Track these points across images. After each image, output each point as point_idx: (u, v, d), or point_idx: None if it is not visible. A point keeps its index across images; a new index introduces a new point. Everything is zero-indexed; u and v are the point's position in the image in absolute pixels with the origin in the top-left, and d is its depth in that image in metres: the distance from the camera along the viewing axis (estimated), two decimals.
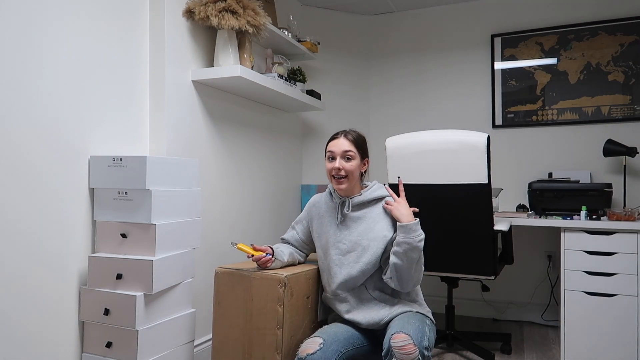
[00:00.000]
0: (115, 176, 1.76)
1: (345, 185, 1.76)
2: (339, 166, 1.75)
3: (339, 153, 1.76)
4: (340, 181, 1.76)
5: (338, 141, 1.78)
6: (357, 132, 1.83)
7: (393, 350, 1.49)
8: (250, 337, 1.71)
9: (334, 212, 1.83)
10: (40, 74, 1.64)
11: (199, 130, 2.30)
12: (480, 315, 3.30)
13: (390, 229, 1.73)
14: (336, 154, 1.76)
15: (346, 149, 1.76)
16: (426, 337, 1.58)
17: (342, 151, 1.76)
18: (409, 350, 1.48)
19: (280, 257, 1.79)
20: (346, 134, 1.79)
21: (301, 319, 1.76)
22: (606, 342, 2.36)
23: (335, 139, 1.80)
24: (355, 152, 1.77)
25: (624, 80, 2.97)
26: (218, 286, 1.79)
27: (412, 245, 1.63)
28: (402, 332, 1.52)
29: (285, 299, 1.66)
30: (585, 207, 2.50)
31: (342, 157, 1.76)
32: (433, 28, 3.46)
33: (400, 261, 1.65)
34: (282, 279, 1.66)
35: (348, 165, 1.75)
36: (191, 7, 2.17)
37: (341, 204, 1.81)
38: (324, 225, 1.84)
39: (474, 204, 2.22)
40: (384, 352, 1.54)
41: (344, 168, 1.75)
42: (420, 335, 1.55)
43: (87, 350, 1.76)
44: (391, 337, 1.52)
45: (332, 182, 1.79)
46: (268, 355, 1.67)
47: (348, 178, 1.76)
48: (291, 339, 1.70)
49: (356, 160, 1.77)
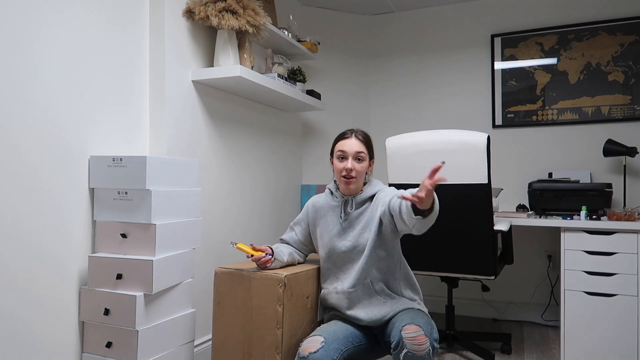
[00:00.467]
0: (115, 176, 1.76)
1: (354, 186, 1.76)
2: (350, 167, 1.73)
3: (352, 153, 1.74)
4: (349, 181, 1.75)
5: (349, 141, 1.76)
6: (365, 132, 1.82)
7: (405, 341, 1.49)
8: (250, 337, 1.71)
9: (336, 212, 1.82)
10: (40, 74, 1.64)
11: (199, 130, 2.30)
12: (480, 315, 3.30)
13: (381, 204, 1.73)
14: (348, 154, 1.75)
15: (358, 149, 1.75)
16: (435, 329, 1.61)
17: (355, 152, 1.74)
18: (421, 341, 1.49)
19: (280, 257, 1.79)
20: (356, 133, 1.78)
21: (301, 318, 1.76)
22: (606, 342, 2.36)
23: (346, 138, 1.78)
24: (366, 153, 1.76)
25: (624, 80, 2.97)
26: (218, 286, 1.79)
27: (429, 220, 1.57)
28: (413, 324, 1.54)
29: (285, 299, 1.66)
30: (585, 207, 2.50)
31: (354, 157, 1.74)
32: (433, 28, 3.46)
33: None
34: (282, 278, 1.66)
35: (359, 167, 1.75)
36: (191, 7, 2.17)
37: (344, 203, 1.80)
38: (328, 225, 1.83)
39: (474, 204, 2.22)
40: (393, 344, 1.54)
41: (354, 169, 1.74)
42: (430, 327, 1.58)
43: (87, 350, 1.76)
44: (402, 329, 1.53)
45: (341, 181, 1.78)
46: (268, 355, 1.67)
47: (357, 179, 1.76)
48: (291, 339, 1.70)
49: (366, 161, 1.77)
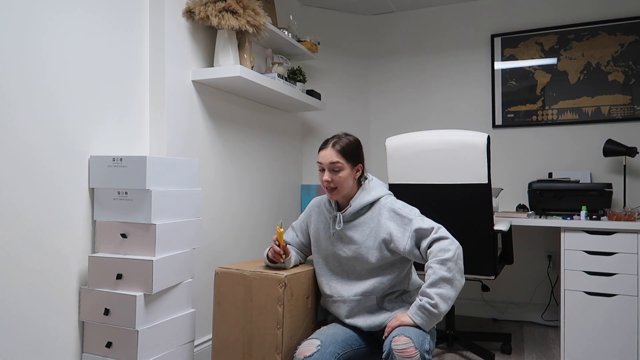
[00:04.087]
0: (115, 176, 1.76)
1: (337, 196, 1.73)
2: (327, 179, 1.69)
3: (326, 165, 1.69)
4: (331, 193, 1.72)
5: (325, 152, 1.70)
6: (348, 139, 1.73)
7: (394, 353, 1.47)
8: (250, 337, 1.71)
9: (329, 223, 1.79)
10: (40, 73, 1.64)
11: (199, 130, 2.30)
12: (480, 315, 3.30)
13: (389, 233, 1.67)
14: (324, 165, 1.70)
15: (333, 160, 1.68)
16: (427, 340, 1.55)
17: (329, 163, 1.69)
18: (410, 354, 1.46)
19: (288, 264, 1.79)
20: (334, 143, 1.70)
21: (301, 319, 1.76)
22: (606, 341, 2.36)
23: (323, 149, 1.72)
24: (343, 162, 1.69)
25: (624, 80, 2.97)
26: (218, 286, 1.79)
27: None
28: (403, 335, 1.50)
29: (285, 299, 1.66)
30: (585, 207, 2.50)
31: (330, 169, 1.69)
32: (433, 28, 3.46)
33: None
34: (282, 279, 1.66)
35: (336, 178, 1.69)
36: (191, 7, 2.17)
37: (333, 220, 1.76)
38: (320, 233, 1.81)
39: (474, 204, 2.22)
40: (384, 354, 1.52)
41: (332, 180, 1.69)
42: (421, 339, 1.53)
43: (87, 350, 1.76)
44: (392, 340, 1.50)
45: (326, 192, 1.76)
46: (268, 356, 1.67)
47: (338, 189, 1.70)
48: (291, 339, 1.70)
49: (345, 170, 1.69)
